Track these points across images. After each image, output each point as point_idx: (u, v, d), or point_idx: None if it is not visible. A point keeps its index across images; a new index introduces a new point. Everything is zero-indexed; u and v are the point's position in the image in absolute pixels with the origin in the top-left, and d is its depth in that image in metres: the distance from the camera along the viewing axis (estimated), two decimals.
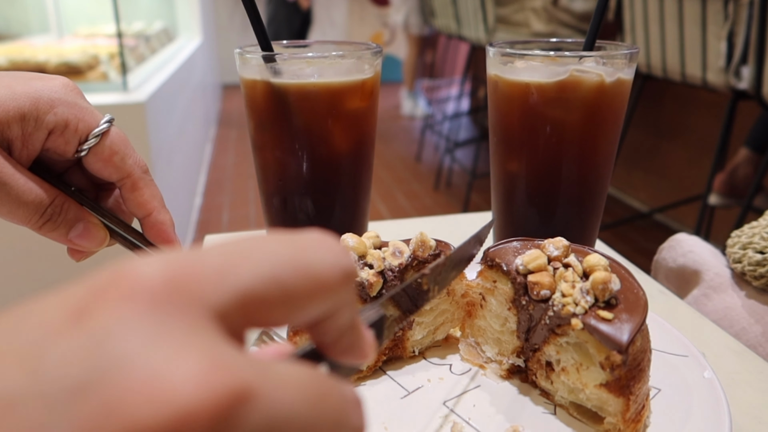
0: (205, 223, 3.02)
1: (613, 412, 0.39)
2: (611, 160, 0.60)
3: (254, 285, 0.17)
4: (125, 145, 0.41)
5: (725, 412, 0.40)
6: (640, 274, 0.65)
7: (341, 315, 0.21)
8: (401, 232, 0.79)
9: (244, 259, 0.18)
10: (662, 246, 0.71)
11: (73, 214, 0.40)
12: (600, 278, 0.39)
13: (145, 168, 0.42)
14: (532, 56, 0.56)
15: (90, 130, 0.39)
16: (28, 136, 0.37)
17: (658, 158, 3.05)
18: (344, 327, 0.21)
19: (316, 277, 0.19)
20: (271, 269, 0.18)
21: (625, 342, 0.37)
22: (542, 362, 0.44)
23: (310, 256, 0.19)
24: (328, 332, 0.21)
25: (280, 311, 0.18)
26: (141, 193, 0.41)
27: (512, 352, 0.46)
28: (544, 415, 0.43)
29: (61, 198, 0.40)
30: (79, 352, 0.14)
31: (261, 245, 0.18)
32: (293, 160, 0.57)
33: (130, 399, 0.13)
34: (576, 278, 0.42)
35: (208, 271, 0.17)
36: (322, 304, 0.19)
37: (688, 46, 1.80)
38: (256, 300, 0.17)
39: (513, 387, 0.46)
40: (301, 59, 0.54)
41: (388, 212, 3.18)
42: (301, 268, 0.18)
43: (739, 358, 0.51)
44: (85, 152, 0.39)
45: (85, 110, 0.39)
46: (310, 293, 0.19)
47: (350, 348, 0.22)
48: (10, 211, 0.38)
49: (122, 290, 0.15)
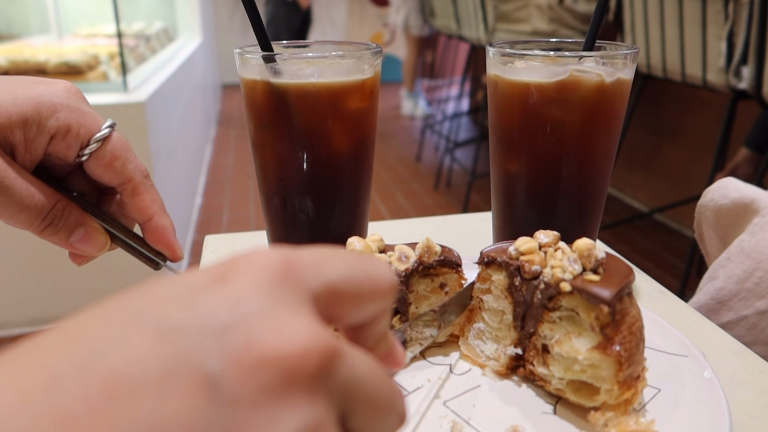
0: (205, 223, 3.02)
1: (607, 377, 0.40)
2: (611, 160, 0.60)
3: (337, 279, 0.22)
4: (126, 150, 0.41)
5: (725, 412, 0.40)
6: (640, 274, 0.65)
7: (380, 321, 0.25)
8: (401, 232, 0.79)
9: (330, 259, 0.22)
10: (708, 189, 0.72)
11: (74, 218, 0.40)
12: (584, 245, 0.43)
13: (145, 173, 0.42)
14: (532, 56, 0.56)
15: (92, 135, 0.39)
16: (31, 141, 0.37)
17: (658, 158, 3.05)
18: (381, 334, 0.25)
19: (376, 282, 0.23)
20: (348, 269, 0.22)
21: (610, 295, 0.40)
22: (538, 347, 0.45)
23: (372, 266, 0.24)
24: (369, 337, 0.25)
25: (349, 305, 0.23)
26: (141, 198, 0.42)
27: (510, 345, 0.47)
28: (544, 414, 0.43)
29: (63, 202, 0.40)
30: (224, 302, 0.18)
31: (339, 252, 0.23)
32: (293, 160, 0.57)
33: (266, 336, 0.18)
34: (565, 256, 0.44)
35: (308, 263, 0.21)
36: (375, 305, 0.24)
37: (688, 46, 1.79)
38: (336, 291, 0.22)
39: (513, 387, 0.46)
40: (301, 59, 0.54)
41: (388, 212, 3.18)
42: (367, 273, 0.23)
43: (739, 358, 0.51)
44: (87, 157, 0.39)
45: (87, 115, 0.39)
46: (371, 294, 0.23)
47: (387, 356, 0.26)
48: (12, 215, 0.38)
49: (252, 267, 0.20)
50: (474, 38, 3.00)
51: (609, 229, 2.84)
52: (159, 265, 0.44)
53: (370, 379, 0.21)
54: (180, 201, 2.61)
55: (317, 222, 0.59)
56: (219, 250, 0.71)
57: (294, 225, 0.59)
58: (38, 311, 1.96)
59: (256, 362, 0.17)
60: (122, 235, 0.42)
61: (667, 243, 2.77)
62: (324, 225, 0.59)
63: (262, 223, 0.64)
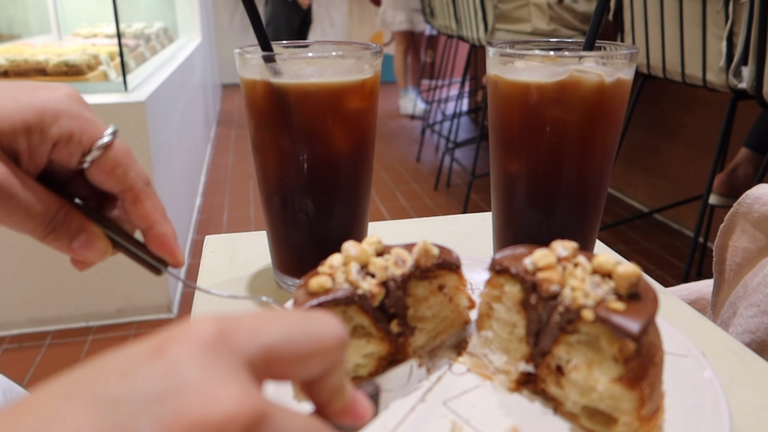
0: (205, 223, 3.02)
1: (628, 410, 0.38)
2: (611, 159, 0.60)
3: (274, 341, 0.23)
4: (128, 157, 0.41)
5: (725, 412, 0.40)
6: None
7: (333, 375, 0.26)
8: (401, 232, 0.79)
9: (269, 322, 0.23)
10: (746, 194, 0.66)
11: (76, 225, 0.41)
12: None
13: (147, 180, 0.42)
14: (531, 56, 0.56)
15: (93, 142, 0.39)
16: (35, 148, 0.37)
17: (658, 158, 3.05)
18: (335, 388, 0.27)
19: (319, 341, 0.24)
20: (287, 331, 0.24)
21: (637, 330, 0.37)
22: (552, 367, 0.43)
23: (315, 325, 0.25)
24: (323, 391, 0.26)
25: (291, 365, 0.24)
26: (143, 206, 0.42)
27: (521, 359, 0.45)
28: (544, 415, 0.43)
29: (65, 209, 0.40)
30: (159, 373, 0.20)
31: (280, 314, 0.24)
32: (293, 160, 0.57)
33: (194, 404, 0.19)
34: (585, 274, 0.41)
35: (243, 329, 0.23)
36: (321, 363, 0.25)
37: (688, 46, 1.79)
38: (274, 353, 0.23)
39: (519, 394, 0.46)
40: (301, 59, 0.54)
41: (388, 212, 3.18)
42: (308, 332, 0.24)
43: (739, 358, 0.51)
44: (88, 164, 0.39)
45: (89, 122, 0.39)
46: (314, 353, 0.24)
47: (346, 410, 0.28)
48: (17, 223, 0.38)
49: (188, 336, 0.21)
50: (474, 38, 3.00)
51: (609, 229, 2.84)
52: (161, 270, 0.44)
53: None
54: (180, 201, 2.61)
55: (317, 222, 0.59)
56: (219, 250, 0.71)
57: (294, 225, 0.59)
58: (38, 311, 1.96)
59: (184, 430, 0.19)
60: (124, 241, 0.42)
61: (667, 243, 2.77)
62: (324, 225, 0.59)
63: (262, 223, 0.64)
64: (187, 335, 0.21)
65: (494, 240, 0.66)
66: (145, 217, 0.42)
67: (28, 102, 0.37)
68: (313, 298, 0.42)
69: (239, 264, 0.68)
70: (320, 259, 0.47)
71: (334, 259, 0.45)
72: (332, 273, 0.44)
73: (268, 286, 0.63)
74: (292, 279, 0.61)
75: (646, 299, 0.39)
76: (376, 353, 0.46)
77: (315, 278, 0.43)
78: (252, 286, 0.63)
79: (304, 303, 0.42)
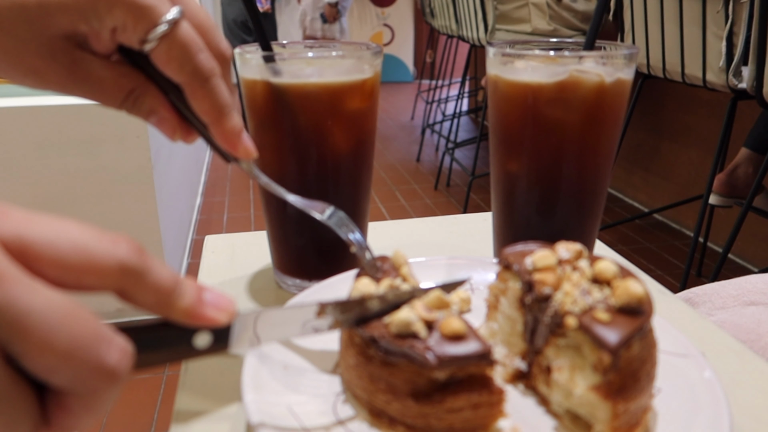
0: (205, 223, 3.03)
1: (602, 419, 0.39)
2: (611, 160, 0.60)
3: (34, 239, 0.23)
4: (187, 49, 0.39)
5: (725, 412, 0.40)
6: (640, 274, 0.65)
7: (139, 298, 0.27)
8: (401, 232, 0.79)
9: (39, 224, 0.24)
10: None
11: (147, 106, 0.42)
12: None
13: (207, 75, 0.40)
14: (532, 56, 0.56)
15: (150, 30, 0.38)
16: (97, 33, 0.38)
17: (658, 158, 3.05)
18: (153, 305, 0.28)
19: (89, 258, 0.24)
20: (53, 237, 0.24)
21: (614, 343, 0.37)
22: (543, 366, 0.43)
23: (92, 242, 0.25)
24: (144, 309, 0.28)
25: (53, 270, 0.24)
26: (199, 103, 0.41)
27: (518, 354, 0.46)
28: (544, 415, 0.43)
29: (140, 88, 0.41)
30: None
31: (66, 225, 0.24)
32: (293, 160, 0.57)
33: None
34: (581, 281, 0.41)
35: (10, 216, 0.23)
36: (98, 281, 0.25)
37: (688, 46, 1.80)
38: (32, 249, 0.23)
39: (514, 387, 0.46)
40: (301, 59, 0.54)
41: (388, 212, 3.18)
42: (78, 246, 0.24)
43: (739, 358, 0.51)
44: (147, 51, 0.39)
45: (144, 9, 0.38)
46: (81, 265, 0.24)
47: (186, 314, 0.29)
48: (93, 98, 0.41)
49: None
50: (474, 38, 3.00)
51: (609, 229, 2.84)
52: (229, 159, 0.45)
53: (41, 314, 0.22)
54: (180, 201, 2.61)
55: (317, 222, 0.59)
56: (219, 250, 0.71)
57: (294, 225, 0.59)
58: None
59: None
60: (197, 126, 0.43)
61: (667, 243, 2.77)
62: (324, 225, 0.59)
63: (262, 223, 0.64)
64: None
65: (494, 240, 0.66)
66: (203, 113, 0.42)
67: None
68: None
69: (239, 264, 0.68)
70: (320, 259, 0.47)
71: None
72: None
73: (268, 286, 0.63)
74: (292, 279, 0.61)
75: (637, 315, 0.39)
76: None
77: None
78: (252, 286, 0.63)
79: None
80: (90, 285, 0.25)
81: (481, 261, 0.60)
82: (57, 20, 0.37)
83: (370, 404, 0.41)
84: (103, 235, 0.25)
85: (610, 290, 0.41)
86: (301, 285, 0.60)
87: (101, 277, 0.25)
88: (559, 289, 0.41)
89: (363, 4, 6.56)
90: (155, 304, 0.28)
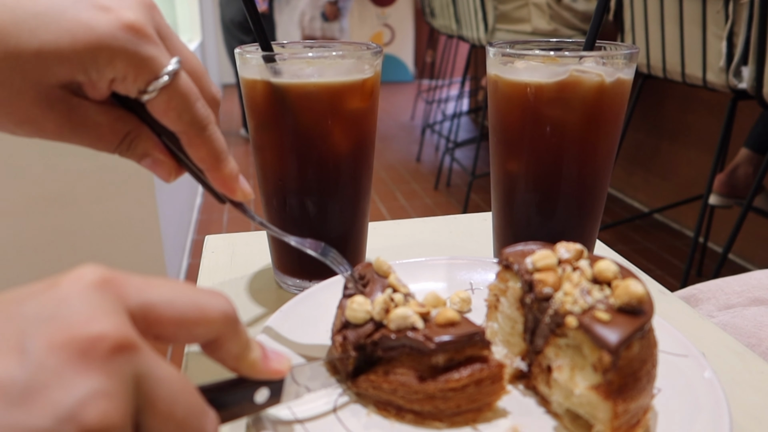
0: (205, 223, 3.03)
1: (602, 419, 0.39)
2: (611, 160, 0.60)
3: (156, 302, 0.26)
4: (185, 99, 0.39)
5: (725, 412, 0.40)
6: (640, 274, 0.65)
7: (228, 344, 0.30)
8: (401, 232, 0.79)
9: (156, 285, 0.27)
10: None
11: (141, 149, 0.42)
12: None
13: (204, 124, 0.40)
14: (532, 56, 0.56)
15: (150, 82, 0.38)
16: (94, 81, 0.37)
17: (658, 158, 3.05)
18: (236, 354, 0.31)
19: (202, 310, 0.28)
20: (172, 297, 0.27)
21: (614, 343, 0.37)
22: (543, 366, 0.43)
23: (201, 297, 0.28)
24: (226, 358, 0.31)
25: (173, 327, 0.27)
26: (196, 151, 0.41)
27: (518, 354, 0.46)
28: (544, 415, 0.43)
29: (134, 132, 0.41)
30: (50, 302, 0.24)
31: (176, 283, 0.27)
32: (293, 160, 0.57)
33: (76, 324, 0.23)
34: (582, 281, 0.41)
35: (130, 283, 0.26)
36: (207, 331, 0.28)
37: (688, 46, 1.80)
38: (154, 312, 0.26)
39: (514, 387, 0.46)
40: (301, 59, 0.54)
41: (389, 212, 3.18)
42: (194, 302, 0.27)
43: (739, 358, 0.51)
44: (144, 101, 0.38)
45: (146, 60, 0.37)
46: (197, 320, 0.27)
47: (253, 370, 0.32)
48: (87, 144, 0.41)
49: (79, 278, 0.25)
50: (474, 38, 3.00)
51: (609, 229, 2.84)
52: (223, 200, 0.46)
53: (168, 385, 0.24)
54: (180, 201, 2.61)
55: (317, 222, 0.59)
56: (219, 250, 0.71)
57: (294, 225, 0.59)
58: None
59: (63, 340, 0.22)
60: (190, 167, 0.43)
61: (667, 243, 2.77)
62: (324, 225, 0.59)
63: None
64: (78, 276, 0.25)
65: (494, 240, 0.66)
66: (200, 161, 0.42)
67: (84, 37, 0.35)
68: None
69: (239, 264, 0.68)
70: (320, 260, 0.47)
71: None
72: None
73: (268, 286, 0.63)
74: (292, 279, 0.61)
75: (638, 314, 0.39)
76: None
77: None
78: (252, 286, 0.63)
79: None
80: (198, 336, 0.28)
81: (481, 261, 0.60)
82: (54, 71, 0.36)
83: (376, 396, 0.42)
84: (206, 291, 0.29)
85: (610, 290, 0.41)
86: (301, 285, 0.60)
87: (209, 327, 0.28)
88: (559, 289, 0.41)
89: (363, 4, 6.56)
90: (237, 354, 0.31)
